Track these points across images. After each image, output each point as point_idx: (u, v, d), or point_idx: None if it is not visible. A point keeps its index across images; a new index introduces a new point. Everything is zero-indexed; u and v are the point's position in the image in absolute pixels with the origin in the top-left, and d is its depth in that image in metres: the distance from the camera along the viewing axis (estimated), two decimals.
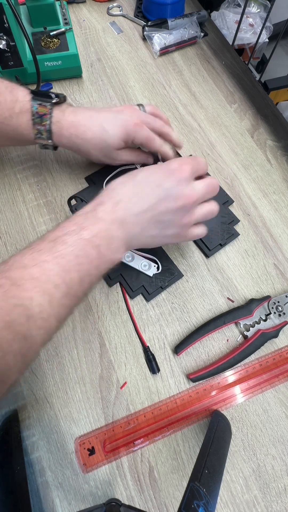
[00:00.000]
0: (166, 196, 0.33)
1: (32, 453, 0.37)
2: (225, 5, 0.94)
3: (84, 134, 0.41)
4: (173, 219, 0.34)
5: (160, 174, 0.34)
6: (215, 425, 0.35)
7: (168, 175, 0.33)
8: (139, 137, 0.42)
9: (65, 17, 0.57)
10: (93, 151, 0.43)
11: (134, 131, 0.41)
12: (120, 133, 0.41)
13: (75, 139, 0.42)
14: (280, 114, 0.59)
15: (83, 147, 0.43)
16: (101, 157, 0.44)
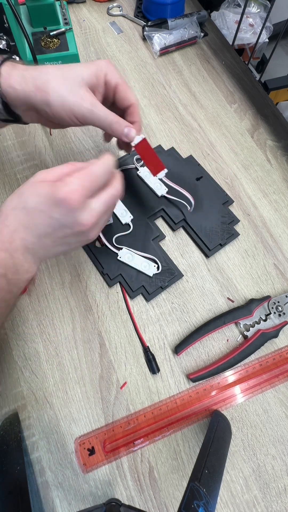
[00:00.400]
0: (60, 226, 0.30)
1: (32, 453, 0.37)
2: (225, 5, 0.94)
3: (42, 68, 0.34)
4: (77, 239, 0.32)
5: (47, 202, 0.29)
6: (215, 425, 0.35)
7: (56, 205, 0.29)
8: (112, 75, 0.36)
9: (65, 17, 0.57)
10: (54, 83, 0.33)
11: (106, 66, 0.36)
12: (89, 64, 0.35)
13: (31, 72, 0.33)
14: (280, 114, 0.59)
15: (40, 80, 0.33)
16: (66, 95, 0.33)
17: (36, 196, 0.29)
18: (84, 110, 0.34)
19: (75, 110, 0.34)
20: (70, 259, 0.46)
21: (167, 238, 0.48)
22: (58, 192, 0.29)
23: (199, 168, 0.52)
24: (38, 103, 0.34)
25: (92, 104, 0.34)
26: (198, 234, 0.47)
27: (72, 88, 0.34)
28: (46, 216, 0.29)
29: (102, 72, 0.35)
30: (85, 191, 0.30)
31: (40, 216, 0.29)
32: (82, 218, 0.30)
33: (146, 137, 0.39)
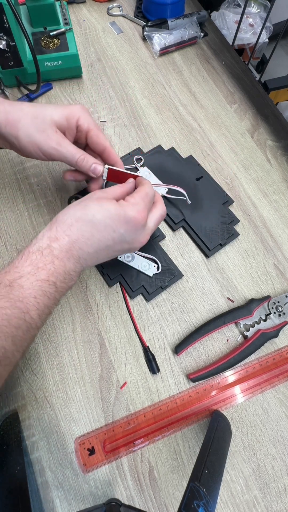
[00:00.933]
0: (121, 240, 0.33)
1: (32, 453, 0.37)
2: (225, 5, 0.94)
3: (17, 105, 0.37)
4: (125, 252, 0.37)
5: (118, 220, 0.32)
6: (215, 425, 0.35)
7: (125, 223, 0.33)
8: (85, 119, 0.37)
9: (65, 17, 0.57)
10: (24, 121, 0.36)
11: (79, 110, 0.37)
12: (62, 108, 0.37)
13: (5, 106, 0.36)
14: (280, 114, 0.59)
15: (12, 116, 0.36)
16: (34, 134, 0.36)
17: (105, 211, 0.32)
18: (50, 149, 0.37)
19: (42, 147, 0.37)
20: None
21: (167, 238, 0.48)
22: (128, 210, 0.33)
23: (199, 168, 0.52)
24: (8, 136, 0.36)
25: (58, 143, 0.37)
26: (198, 234, 0.47)
27: (40, 127, 0.36)
28: (111, 230, 0.32)
29: (74, 117, 0.37)
30: (147, 212, 0.35)
31: (106, 230, 0.32)
32: (142, 235, 0.35)
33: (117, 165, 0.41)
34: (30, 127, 0.36)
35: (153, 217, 0.36)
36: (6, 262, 0.45)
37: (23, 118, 0.36)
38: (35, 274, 0.30)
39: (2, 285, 0.29)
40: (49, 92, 0.59)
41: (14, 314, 0.29)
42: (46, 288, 0.30)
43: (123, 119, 0.57)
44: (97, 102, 0.58)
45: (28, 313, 0.29)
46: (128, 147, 0.54)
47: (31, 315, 0.30)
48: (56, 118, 0.37)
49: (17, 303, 0.29)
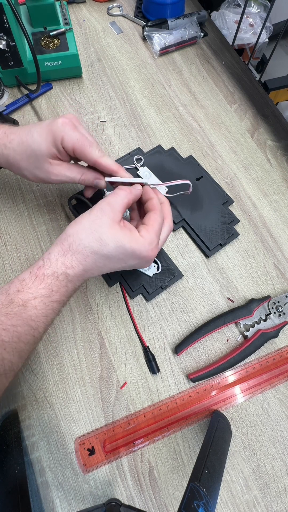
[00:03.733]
0: (130, 266, 0.36)
1: (32, 453, 0.37)
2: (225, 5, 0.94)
3: (11, 142, 0.38)
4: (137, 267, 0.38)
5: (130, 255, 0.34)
6: (215, 425, 0.35)
7: (138, 258, 0.34)
8: (68, 138, 0.36)
9: (65, 17, 0.57)
10: (22, 163, 0.39)
11: (61, 130, 0.36)
12: (45, 134, 0.36)
13: (3, 149, 0.38)
14: (280, 114, 0.59)
15: (12, 158, 0.39)
16: (35, 171, 0.39)
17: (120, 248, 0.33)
18: (54, 180, 0.39)
19: (47, 180, 0.40)
20: None
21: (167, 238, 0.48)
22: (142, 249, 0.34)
23: (199, 168, 0.52)
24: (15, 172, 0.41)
25: (57, 174, 0.39)
26: (198, 234, 0.47)
27: (37, 166, 0.38)
28: (123, 262, 0.35)
29: (58, 140, 0.36)
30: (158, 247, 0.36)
31: (118, 262, 0.34)
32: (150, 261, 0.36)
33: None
34: (29, 168, 0.39)
35: (163, 235, 0.37)
36: (6, 262, 0.45)
37: (21, 161, 0.39)
38: (49, 296, 0.31)
39: (15, 304, 0.30)
40: (49, 92, 0.59)
41: (25, 331, 0.30)
42: (57, 306, 0.32)
43: (123, 119, 0.57)
44: (97, 102, 0.58)
45: (37, 329, 0.31)
46: (128, 147, 0.54)
47: (40, 331, 0.31)
48: (44, 150, 0.37)
49: (29, 322, 0.30)
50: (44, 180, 0.40)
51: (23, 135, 0.38)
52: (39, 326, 0.31)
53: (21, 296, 0.30)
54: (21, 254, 0.46)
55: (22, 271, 0.45)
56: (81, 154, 0.37)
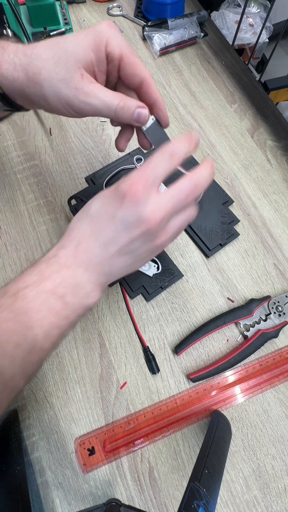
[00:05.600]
0: (125, 226, 0.27)
1: (32, 453, 0.37)
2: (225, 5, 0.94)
3: (36, 48, 0.29)
4: (143, 245, 0.29)
5: (111, 202, 0.27)
6: (215, 425, 0.35)
7: (120, 201, 0.27)
8: (116, 41, 0.29)
9: (65, 17, 0.57)
10: (45, 72, 0.28)
11: (107, 31, 0.29)
12: (85, 35, 0.29)
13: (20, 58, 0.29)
14: (280, 114, 0.59)
15: (32, 67, 0.28)
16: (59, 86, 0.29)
17: (99, 199, 0.28)
18: (80, 104, 0.29)
19: (71, 104, 0.29)
20: None
21: None
22: (119, 188, 0.27)
23: None
24: (34, 97, 0.30)
25: (87, 94, 0.29)
26: (198, 234, 0.47)
27: (65, 76, 0.28)
28: (109, 217, 0.27)
29: (102, 43, 0.28)
30: (146, 182, 0.27)
31: (103, 219, 0.27)
32: (146, 213, 0.26)
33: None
34: (54, 81, 0.28)
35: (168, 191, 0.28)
36: (6, 262, 0.45)
37: (43, 69, 0.28)
38: (40, 284, 0.26)
39: (8, 295, 0.26)
40: None
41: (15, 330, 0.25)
42: (53, 302, 0.26)
43: None
44: None
45: (31, 330, 0.26)
46: (128, 147, 0.54)
47: (36, 333, 0.26)
48: (80, 56, 0.28)
49: (18, 317, 0.25)
50: (69, 104, 0.29)
51: (54, 40, 0.29)
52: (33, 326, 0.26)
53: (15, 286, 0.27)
54: (21, 254, 0.46)
55: (22, 271, 0.45)
56: (128, 67, 0.30)
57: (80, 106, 0.29)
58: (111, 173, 0.50)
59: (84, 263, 0.28)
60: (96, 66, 0.29)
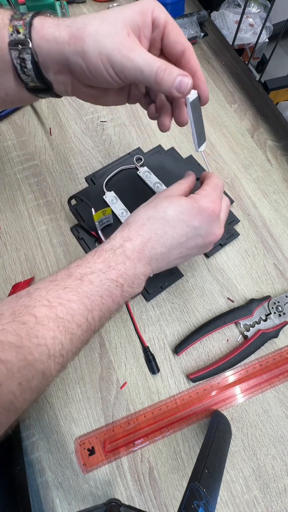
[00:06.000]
0: (196, 235, 0.32)
1: (32, 453, 0.37)
2: (225, 5, 0.94)
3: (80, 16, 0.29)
4: (198, 251, 0.34)
5: (190, 212, 0.31)
6: (215, 425, 0.35)
7: (199, 214, 0.31)
8: (161, 10, 0.29)
9: (65, 17, 0.57)
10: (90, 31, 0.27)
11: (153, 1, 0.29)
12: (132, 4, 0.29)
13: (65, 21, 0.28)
14: (280, 114, 0.59)
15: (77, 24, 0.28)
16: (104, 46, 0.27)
17: (177, 206, 0.31)
18: (122, 59, 0.27)
19: (113, 58, 0.27)
20: (70, 259, 0.46)
21: None
22: (200, 201, 0.31)
23: (199, 168, 0.52)
24: (72, 56, 0.28)
25: (132, 48, 0.27)
26: None
27: (111, 31, 0.27)
28: (185, 225, 0.31)
29: (149, 9, 0.29)
30: (220, 202, 0.33)
31: (179, 225, 0.31)
32: (216, 229, 0.32)
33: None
34: (98, 34, 0.27)
35: (224, 210, 0.34)
36: (6, 262, 0.46)
37: (89, 24, 0.27)
38: (106, 272, 0.29)
39: (73, 278, 0.28)
40: None
41: (79, 310, 0.28)
42: (113, 289, 0.29)
43: (123, 119, 0.57)
44: None
45: (91, 312, 0.28)
46: (128, 147, 0.54)
47: (93, 315, 0.29)
48: (129, 16, 0.28)
49: (84, 299, 0.28)
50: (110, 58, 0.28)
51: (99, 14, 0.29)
52: (93, 309, 0.28)
53: (79, 270, 0.29)
54: (21, 254, 0.46)
55: (22, 271, 0.45)
56: (172, 35, 0.30)
57: (122, 61, 0.28)
58: (111, 173, 0.50)
59: (147, 258, 0.31)
60: (142, 30, 0.29)
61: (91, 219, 0.43)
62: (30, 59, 0.28)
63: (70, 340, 0.27)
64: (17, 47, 0.28)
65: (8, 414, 0.24)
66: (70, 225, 0.48)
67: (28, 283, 0.44)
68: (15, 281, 0.44)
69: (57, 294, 0.27)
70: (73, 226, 0.48)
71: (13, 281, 0.44)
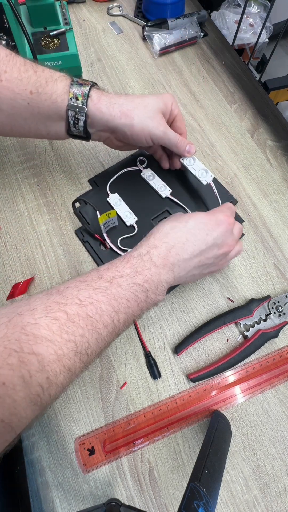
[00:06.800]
0: (213, 244, 0.36)
1: (32, 453, 0.37)
2: (225, 5, 0.94)
3: (125, 97, 0.41)
4: (214, 262, 0.37)
5: (208, 223, 0.36)
6: (215, 425, 0.35)
7: (217, 226, 0.36)
8: (175, 105, 0.43)
9: (65, 17, 0.57)
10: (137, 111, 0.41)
11: (172, 97, 0.43)
12: (159, 97, 0.42)
13: (116, 101, 0.40)
14: (280, 114, 0.59)
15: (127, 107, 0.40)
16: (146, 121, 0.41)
17: (197, 218, 0.36)
18: (159, 133, 0.41)
19: (153, 132, 0.41)
20: (70, 259, 0.46)
21: None
22: (218, 215, 0.37)
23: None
24: (120, 126, 0.40)
25: (166, 127, 0.42)
26: None
27: (151, 115, 0.41)
28: (205, 234, 0.35)
29: (170, 103, 0.43)
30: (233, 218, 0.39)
31: (200, 233, 0.35)
32: (230, 240, 0.37)
33: None
34: (143, 116, 0.40)
35: (237, 227, 0.39)
36: (6, 262, 0.45)
37: (136, 108, 0.40)
38: (133, 276, 0.32)
39: (103, 280, 0.31)
40: None
41: (107, 311, 0.30)
42: (139, 293, 0.32)
43: None
44: None
45: (117, 314, 0.31)
46: None
47: (119, 318, 0.31)
48: (160, 105, 0.42)
49: (112, 301, 0.30)
50: (150, 132, 0.41)
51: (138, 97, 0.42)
52: (120, 311, 0.31)
53: (109, 273, 0.32)
54: (21, 254, 0.46)
55: (22, 271, 0.45)
56: (178, 122, 0.45)
57: (159, 135, 0.42)
58: (114, 175, 0.50)
59: (170, 264, 0.34)
60: (165, 114, 0.43)
61: (95, 222, 0.43)
62: (83, 120, 0.39)
63: (96, 340, 0.29)
64: (74, 110, 0.39)
65: (33, 408, 0.25)
66: (70, 226, 0.48)
67: (28, 283, 0.44)
68: (15, 281, 0.44)
69: (87, 294, 0.30)
70: (78, 229, 0.47)
71: (13, 281, 0.44)
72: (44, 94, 0.38)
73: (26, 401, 0.25)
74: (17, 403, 0.24)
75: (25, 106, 0.38)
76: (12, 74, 0.36)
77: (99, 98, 0.39)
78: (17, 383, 0.24)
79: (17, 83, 0.37)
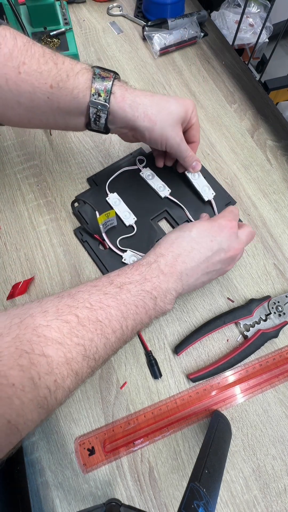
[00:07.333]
0: (219, 249, 0.36)
1: (32, 453, 0.37)
2: (225, 5, 0.94)
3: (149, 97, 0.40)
4: (222, 267, 0.38)
5: (211, 229, 0.37)
6: (215, 425, 0.35)
7: (220, 231, 0.37)
8: (195, 113, 0.43)
9: (65, 17, 0.58)
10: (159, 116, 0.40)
11: (193, 107, 0.43)
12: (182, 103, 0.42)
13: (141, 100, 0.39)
14: (280, 114, 0.59)
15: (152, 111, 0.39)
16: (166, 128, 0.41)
17: (200, 226, 0.37)
18: (175, 143, 0.42)
19: (169, 140, 0.42)
20: (70, 259, 0.46)
21: None
22: (219, 220, 0.38)
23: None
24: (142, 127, 0.40)
25: (182, 139, 0.43)
26: None
27: (173, 123, 0.41)
28: (209, 240, 0.36)
29: (190, 112, 0.42)
30: (236, 222, 0.39)
31: (204, 240, 0.36)
32: (236, 243, 0.37)
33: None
34: (165, 122, 0.40)
35: (244, 231, 0.39)
36: (6, 262, 0.45)
37: (160, 113, 0.40)
38: (142, 283, 0.32)
39: (114, 285, 0.32)
40: None
41: (116, 316, 0.30)
42: (148, 300, 0.32)
43: None
44: None
45: (126, 320, 0.31)
46: (130, 148, 0.54)
47: (128, 324, 0.31)
48: (182, 114, 0.41)
49: (121, 306, 0.31)
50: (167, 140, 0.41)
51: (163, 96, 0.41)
52: (128, 317, 0.31)
53: (119, 279, 0.32)
54: (21, 254, 0.46)
55: (22, 271, 0.45)
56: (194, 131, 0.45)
57: (173, 144, 0.42)
58: (113, 174, 0.50)
59: (178, 273, 0.34)
60: (184, 122, 0.43)
61: (94, 222, 0.43)
62: (105, 117, 0.39)
63: (104, 345, 0.29)
64: (96, 106, 0.37)
65: (39, 411, 0.25)
66: (70, 225, 0.48)
67: (28, 283, 0.44)
68: (15, 281, 0.44)
69: (98, 299, 0.30)
70: (76, 228, 0.47)
71: (13, 281, 0.44)
72: (65, 89, 0.36)
73: (34, 403, 0.25)
74: (25, 405, 0.24)
75: (45, 100, 0.36)
76: (31, 66, 0.35)
77: (123, 96, 0.38)
78: (26, 384, 0.24)
79: (36, 76, 0.35)
